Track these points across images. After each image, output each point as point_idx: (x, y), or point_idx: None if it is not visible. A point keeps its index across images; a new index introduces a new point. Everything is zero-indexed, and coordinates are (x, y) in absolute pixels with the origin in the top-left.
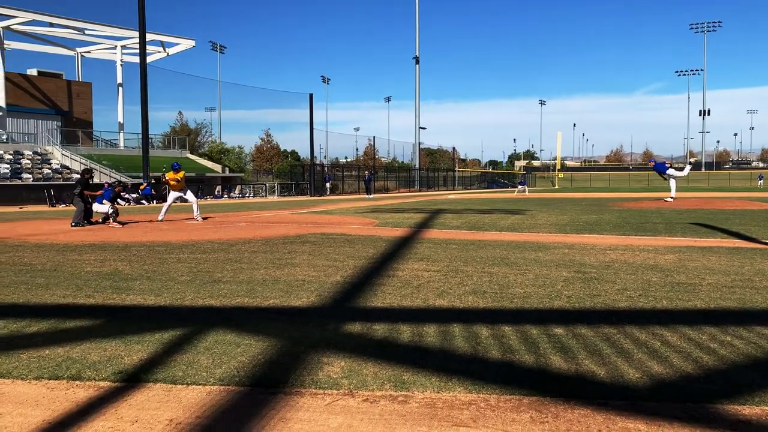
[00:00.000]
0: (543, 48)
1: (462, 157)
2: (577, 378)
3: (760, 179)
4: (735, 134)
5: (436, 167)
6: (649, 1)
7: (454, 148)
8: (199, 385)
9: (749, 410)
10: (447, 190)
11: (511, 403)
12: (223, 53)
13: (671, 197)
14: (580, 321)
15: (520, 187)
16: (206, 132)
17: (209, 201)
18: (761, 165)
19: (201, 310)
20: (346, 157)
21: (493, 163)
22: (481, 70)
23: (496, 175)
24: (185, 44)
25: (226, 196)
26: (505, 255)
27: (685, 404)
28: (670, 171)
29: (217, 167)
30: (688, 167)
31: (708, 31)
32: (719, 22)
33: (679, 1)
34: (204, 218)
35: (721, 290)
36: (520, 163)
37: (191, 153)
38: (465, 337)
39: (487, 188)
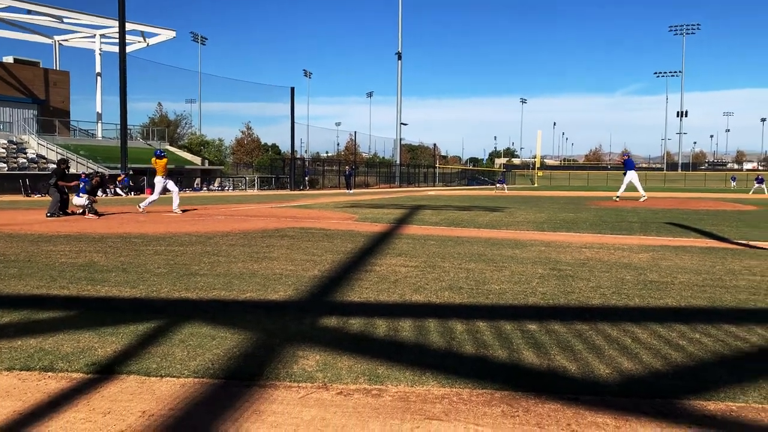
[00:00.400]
0: (525, 46)
1: (443, 154)
2: (549, 373)
3: (733, 181)
4: (711, 136)
5: (417, 163)
6: (631, 2)
7: (435, 145)
8: (174, 377)
9: (714, 406)
10: (427, 187)
11: (483, 397)
12: (204, 45)
13: (643, 196)
14: (553, 317)
15: (499, 184)
16: (186, 124)
17: (188, 193)
18: (736, 167)
19: (177, 302)
20: (327, 152)
21: (474, 161)
22: (464, 68)
23: (477, 173)
24: (166, 35)
25: (205, 188)
26: (483, 251)
27: (654, 400)
28: (631, 173)
29: (197, 159)
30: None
31: (687, 33)
32: (698, 25)
33: (659, 3)
34: (183, 211)
35: (693, 289)
36: (501, 161)
37: (171, 145)
38: (440, 332)
39: (468, 185)
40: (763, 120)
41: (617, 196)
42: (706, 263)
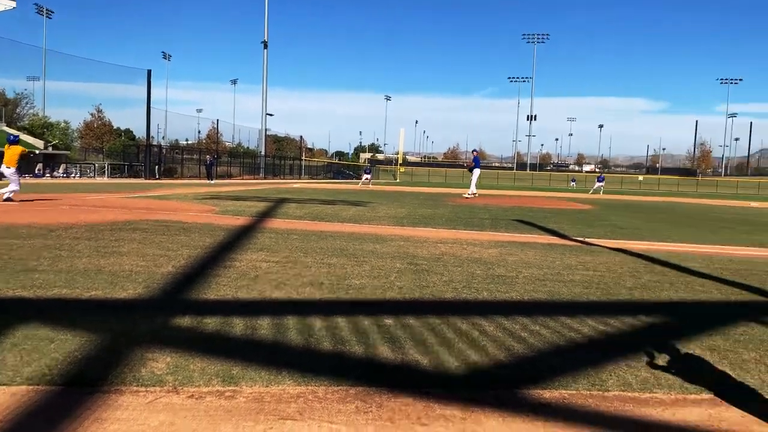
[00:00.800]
0: (390, 46)
1: (309, 147)
2: (403, 367)
3: (573, 182)
4: (556, 139)
5: (282, 155)
6: (486, 8)
7: (301, 137)
8: (3, 385)
9: (549, 394)
10: (293, 179)
11: (338, 394)
12: (50, 18)
13: (472, 193)
14: (409, 312)
15: (366, 175)
16: (27, 104)
17: (28, 180)
18: (577, 168)
19: (10, 301)
20: (187, 140)
21: (340, 154)
22: (331, 61)
23: (342, 166)
24: (4, 4)
25: (48, 175)
26: (345, 246)
27: (498, 390)
28: (477, 170)
29: (39, 143)
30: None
31: (537, 42)
32: (547, 34)
33: (513, 10)
34: (20, 201)
35: (535, 283)
36: (366, 156)
37: (8, 126)
38: (298, 329)
39: (333, 179)
40: (601, 126)
41: (469, 194)
42: (547, 259)
